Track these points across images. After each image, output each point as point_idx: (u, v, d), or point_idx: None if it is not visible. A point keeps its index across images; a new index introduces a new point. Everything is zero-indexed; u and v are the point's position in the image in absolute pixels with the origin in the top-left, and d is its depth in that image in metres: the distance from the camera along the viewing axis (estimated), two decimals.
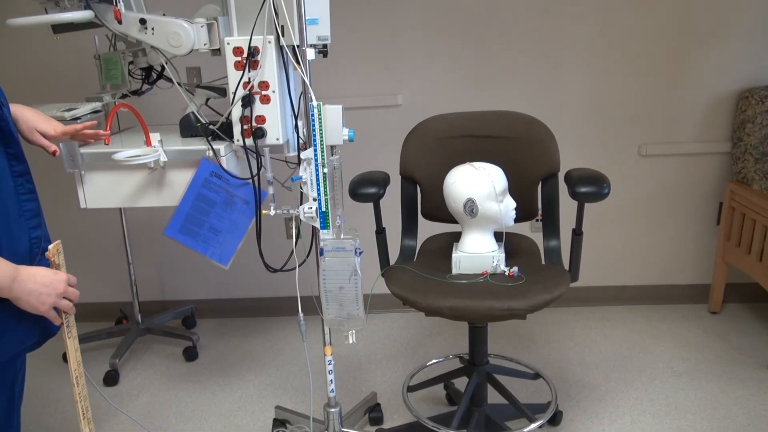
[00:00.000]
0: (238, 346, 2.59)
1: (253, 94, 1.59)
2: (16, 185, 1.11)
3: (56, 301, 1.11)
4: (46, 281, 1.09)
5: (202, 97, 1.87)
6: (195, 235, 1.74)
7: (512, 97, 2.51)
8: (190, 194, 1.72)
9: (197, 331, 2.72)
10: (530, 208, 1.86)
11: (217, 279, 2.81)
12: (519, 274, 1.63)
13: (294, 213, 1.61)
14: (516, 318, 1.52)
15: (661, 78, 2.46)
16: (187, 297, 2.85)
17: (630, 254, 2.67)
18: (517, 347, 2.42)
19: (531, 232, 2.56)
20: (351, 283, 1.54)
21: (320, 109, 1.49)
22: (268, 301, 2.83)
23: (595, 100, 2.50)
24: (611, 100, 2.50)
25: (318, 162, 1.53)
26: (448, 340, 2.51)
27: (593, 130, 2.54)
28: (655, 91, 2.47)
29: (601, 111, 2.52)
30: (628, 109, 2.50)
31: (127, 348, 2.46)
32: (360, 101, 2.54)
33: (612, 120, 2.53)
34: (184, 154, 1.72)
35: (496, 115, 1.92)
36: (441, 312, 1.53)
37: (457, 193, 1.65)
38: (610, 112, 2.52)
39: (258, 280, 2.79)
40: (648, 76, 2.46)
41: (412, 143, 1.92)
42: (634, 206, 2.61)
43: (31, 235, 1.13)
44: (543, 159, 1.82)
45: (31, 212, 1.13)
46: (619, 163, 2.56)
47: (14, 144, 1.10)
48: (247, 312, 2.84)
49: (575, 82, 2.49)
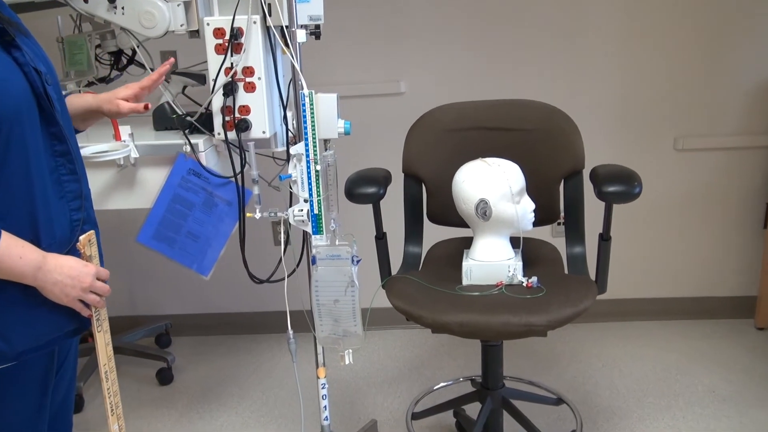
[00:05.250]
0: (219, 367, 2.59)
1: (236, 81, 1.59)
2: (57, 165, 1.18)
3: (81, 295, 1.18)
4: (74, 273, 1.16)
5: (179, 85, 1.88)
6: (171, 241, 1.74)
7: (531, 84, 2.51)
8: (164, 195, 1.72)
9: (172, 350, 2.71)
10: (551, 210, 1.86)
11: (195, 291, 2.81)
12: (538, 285, 1.64)
13: (283, 216, 1.61)
14: (535, 335, 1.53)
15: (700, 62, 2.46)
16: (161, 312, 2.84)
17: (665, 262, 2.67)
18: (536, 368, 2.42)
19: (552, 237, 2.55)
20: (347, 295, 1.55)
21: (312, 98, 1.50)
22: (254, 316, 2.82)
23: (625, 87, 2.51)
24: (643, 87, 2.50)
25: (310, 158, 1.53)
26: (457, 361, 2.50)
27: (622, 122, 2.55)
28: (692, 77, 2.48)
29: (631, 100, 2.52)
30: (661, 97, 2.51)
31: (93, 370, 2.46)
32: (357, 89, 2.53)
33: (644, 110, 2.53)
34: (158, 149, 1.71)
35: (513, 105, 1.93)
36: (450, 328, 1.54)
37: (467, 193, 1.65)
38: (641, 100, 2.52)
39: (242, 293, 2.79)
40: (685, 60, 2.46)
41: (417, 136, 1.92)
42: (669, 207, 2.61)
43: (72, 217, 1.21)
44: (566, 154, 1.82)
45: (72, 194, 1.20)
46: (651, 158, 2.56)
47: (56, 124, 1.17)
48: (229, 329, 2.84)
49: (602, 67, 2.49)
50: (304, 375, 2.38)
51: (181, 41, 1.80)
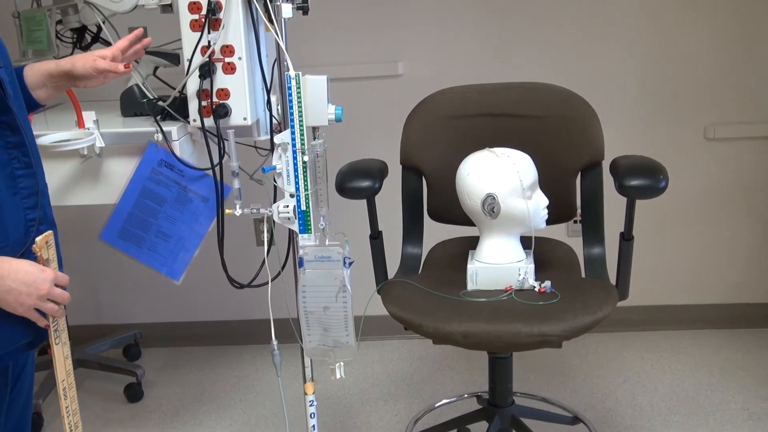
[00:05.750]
0: (194, 382, 2.58)
1: (214, 61, 1.59)
2: (10, 158, 1.17)
3: (38, 304, 1.17)
4: (29, 279, 1.15)
5: (149, 66, 1.88)
6: (139, 241, 1.74)
7: (543, 65, 2.51)
8: (132, 189, 1.72)
9: (142, 363, 2.71)
10: (567, 207, 1.87)
11: (168, 297, 2.81)
12: (552, 291, 1.64)
13: (266, 213, 1.61)
14: (549, 346, 1.54)
15: (734, 42, 2.46)
16: (130, 320, 2.84)
17: (693, 265, 2.67)
18: (550, 383, 2.42)
19: (568, 236, 2.56)
20: (338, 302, 1.55)
21: (299, 81, 1.49)
22: (234, 325, 2.82)
23: (650, 68, 2.51)
24: (669, 68, 2.50)
25: (296, 148, 1.53)
26: (462, 375, 2.51)
27: (647, 108, 2.55)
28: (725, 58, 2.48)
29: (656, 83, 2.52)
30: (690, 80, 2.51)
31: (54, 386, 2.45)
32: (350, 70, 2.53)
33: (670, 94, 2.53)
34: (125, 137, 1.71)
35: (524, 89, 1.93)
36: (453, 339, 1.54)
37: (473, 188, 1.65)
38: (667, 84, 2.52)
39: (220, 299, 2.78)
40: (717, 39, 2.46)
41: (417, 124, 1.92)
42: (698, 203, 2.62)
43: (27, 216, 1.20)
44: (583, 144, 1.83)
45: (27, 190, 1.19)
46: (679, 148, 2.56)
47: (8, 111, 1.15)
48: (206, 339, 2.84)
49: (624, 46, 2.49)
50: (290, 391, 2.38)
51: (152, 17, 1.79)
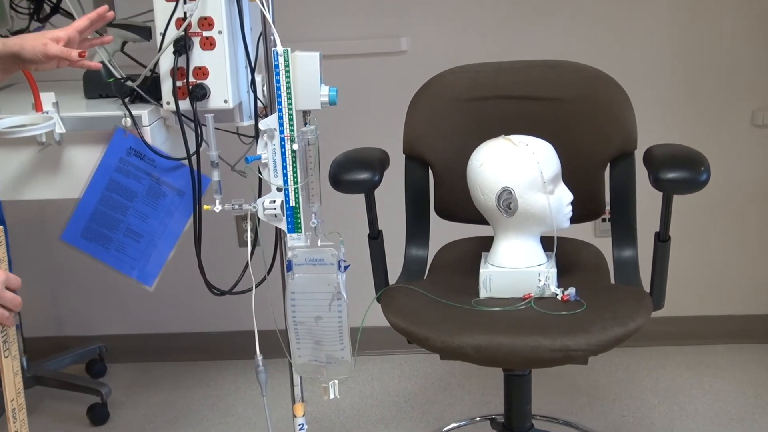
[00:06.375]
0: (167, 403, 2.58)
1: (191, 35, 1.60)
2: None
3: None
4: None
5: (117, 41, 1.88)
6: (105, 241, 1.75)
7: (568, 41, 2.51)
8: (97, 182, 1.72)
9: (108, 380, 2.69)
10: (594, 203, 1.87)
11: (137, 306, 2.80)
12: (577, 299, 1.64)
13: (250, 209, 1.61)
14: (573, 362, 1.53)
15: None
16: (94, 332, 2.83)
17: (739, 269, 2.67)
18: (573, 405, 2.41)
19: (595, 237, 2.55)
20: (332, 311, 1.55)
21: (288, 58, 1.50)
22: (212, 337, 2.82)
23: (689, 45, 2.50)
24: (712, 45, 2.50)
25: (284, 135, 1.54)
26: (473, 395, 2.51)
27: (686, 90, 2.54)
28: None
29: (697, 62, 2.51)
30: (736, 59, 2.50)
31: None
32: (346, 46, 2.52)
33: (713, 75, 2.52)
34: (89, 122, 1.71)
35: (545, 67, 1.93)
36: (464, 353, 1.54)
37: (487, 181, 1.65)
38: (710, 63, 2.51)
39: (197, 308, 2.78)
40: (765, 13, 2.47)
41: (423, 108, 1.92)
42: (744, 199, 2.61)
43: None
44: (613, 131, 1.83)
45: None
46: (722, 136, 2.56)
47: None
48: (180, 353, 2.83)
49: (660, 19, 2.48)
50: (277, 413, 2.39)
51: None
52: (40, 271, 2.76)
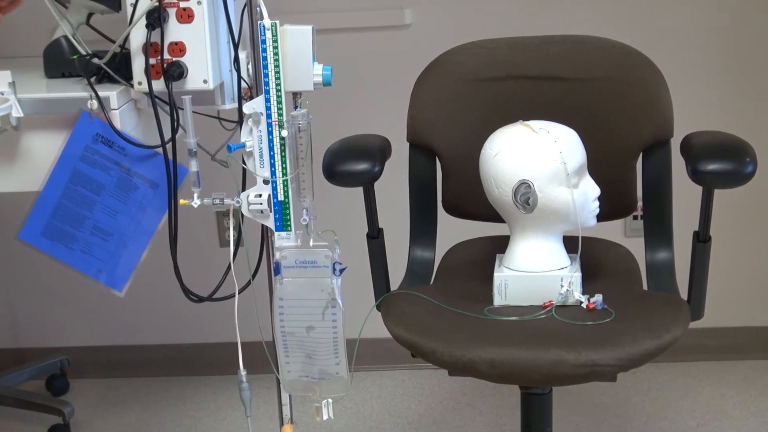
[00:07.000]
0: (138, 423, 2.59)
1: (166, 6, 1.61)
2: None
3: None
4: None
5: (82, 12, 1.89)
6: (69, 240, 1.76)
7: (595, 13, 2.52)
8: (60, 173, 1.74)
9: (71, 398, 2.70)
10: (624, 198, 1.88)
11: (104, 314, 2.81)
12: (604, 307, 1.64)
13: (233, 204, 1.62)
14: (600, 379, 1.51)
15: None
16: (56, 343, 2.84)
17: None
18: (600, 427, 2.43)
19: (625, 237, 2.58)
20: (326, 320, 1.57)
21: (276, 33, 1.51)
22: (189, 350, 2.84)
23: (732, 20, 2.51)
24: (758, 19, 2.51)
25: (272, 120, 1.55)
26: (486, 416, 2.52)
27: (728, 70, 2.56)
28: None
29: (740, 38, 2.53)
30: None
31: None
32: (342, 19, 2.55)
33: (759, 53, 2.54)
34: (50, 105, 1.72)
35: (568, 43, 1.94)
36: (476, 369, 1.53)
37: (502, 173, 1.65)
38: (755, 39, 2.53)
39: (172, 317, 2.79)
40: None
41: (429, 89, 1.93)
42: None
43: None
44: (645, 116, 1.83)
45: None
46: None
47: None
48: (153, 368, 2.85)
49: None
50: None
51: None
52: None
